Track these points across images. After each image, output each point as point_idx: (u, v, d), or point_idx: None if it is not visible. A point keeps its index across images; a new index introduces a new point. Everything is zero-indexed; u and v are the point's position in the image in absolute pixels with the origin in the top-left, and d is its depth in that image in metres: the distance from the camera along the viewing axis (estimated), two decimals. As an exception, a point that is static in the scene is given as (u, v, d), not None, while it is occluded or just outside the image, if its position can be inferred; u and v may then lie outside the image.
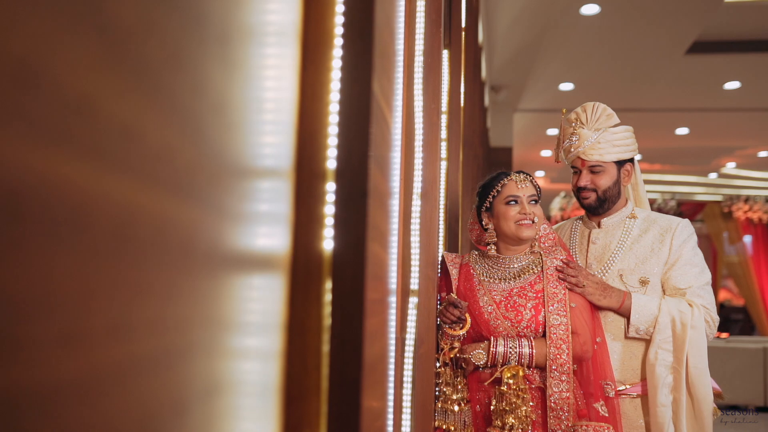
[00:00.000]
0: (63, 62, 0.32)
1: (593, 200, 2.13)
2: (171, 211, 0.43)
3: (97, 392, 0.35)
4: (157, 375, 0.42)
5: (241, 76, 0.60)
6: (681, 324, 1.96)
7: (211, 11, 0.50)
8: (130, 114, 0.38)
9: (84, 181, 0.34)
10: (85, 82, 0.34)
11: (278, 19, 0.83)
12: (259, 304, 0.77)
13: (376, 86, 0.90)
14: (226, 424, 0.60)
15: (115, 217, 0.36)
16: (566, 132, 2.11)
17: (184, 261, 0.45)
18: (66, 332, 0.33)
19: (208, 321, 0.52)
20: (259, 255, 0.76)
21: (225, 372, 0.58)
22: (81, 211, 0.34)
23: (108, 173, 0.36)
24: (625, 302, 2.01)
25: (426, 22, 1.80)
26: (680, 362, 1.96)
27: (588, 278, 2.00)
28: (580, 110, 2.13)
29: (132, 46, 0.38)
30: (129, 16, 0.37)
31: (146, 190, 0.40)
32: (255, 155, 0.69)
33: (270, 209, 0.80)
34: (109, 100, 0.36)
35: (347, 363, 0.85)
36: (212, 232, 0.51)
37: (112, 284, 0.36)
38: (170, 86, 0.43)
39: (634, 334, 2.02)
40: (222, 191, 0.54)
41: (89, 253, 0.34)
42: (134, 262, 0.38)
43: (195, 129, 0.47)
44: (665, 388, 1.96)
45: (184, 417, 0.47)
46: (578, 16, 6.07)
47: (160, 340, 0.42)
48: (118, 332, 0.37)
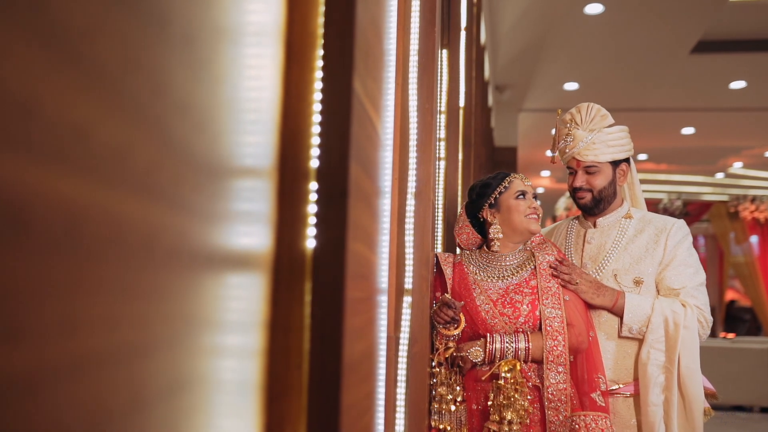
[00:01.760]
0: (8, 65, 0.32)
1: (589, 200, 2.14)
2: (128, 209, 0.43)
3: (44, 388, 0.35)
4: (111, 371, 0.42)
5: (211, 76, 0.61)
6: (674, 324, 1.97)
7: (175, 12, 0.51)
8: (82, 114, 0.38)
9: (32, 178, 0.35)
10: (33, 84, 0.34)
11: (258, 19, 0.83)
12: (238, 302, 0.78)
13: (358, 85, 0.91)
14: (197, 420, 0.60)
15: (66, 214, 0.37)
16: (561, 133, 2.11)
17: (142, 258, 0.45)
18: (11, 328, 0.33)
19: (173, 318, 0.52)
20: (237, 253, 0.76)
21: (194, 369, 0.59)
22: (28, 208, 0.34)
23: (57, 172, 0.36)
24: (618, 301, 2.01)
25: (421, 21, 1.81)
26: (672, 362, 1.96)
27: (581, 276, 2.01)
28: (574, 111, 2.14)
29: (84, 48, 0.38)
30: (80, 17, 0.38)
31: (100, 188, 0.40)
32: (229, 154, 0.69)
33: (249, 208, 0.80)
34: (58, 102, 0.36)
35: (327, 361, 0.85)
36: (176, 229, 0.52)
37: (61, 280, 0.37)
38: (128, 86, 0.44)
39: (627, 334, 2.03)
40: (189, 190, 0.54)
41: (36, 249, 0.35)
42: (86, 259, 0.39)
43: (156, 128, 0.48)
44: (657, 387, 1.96)
45: (144, 413, 0.47)
46: (582, 15, 6.06)
47: (114, 336, 0.42)
48: (67, 328, 0.38)
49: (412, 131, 1.72)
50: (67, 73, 0.37)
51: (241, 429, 0.80)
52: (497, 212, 2.06)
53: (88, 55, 0.39)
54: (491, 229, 2.06)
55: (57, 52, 0.36)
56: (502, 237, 2.06)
